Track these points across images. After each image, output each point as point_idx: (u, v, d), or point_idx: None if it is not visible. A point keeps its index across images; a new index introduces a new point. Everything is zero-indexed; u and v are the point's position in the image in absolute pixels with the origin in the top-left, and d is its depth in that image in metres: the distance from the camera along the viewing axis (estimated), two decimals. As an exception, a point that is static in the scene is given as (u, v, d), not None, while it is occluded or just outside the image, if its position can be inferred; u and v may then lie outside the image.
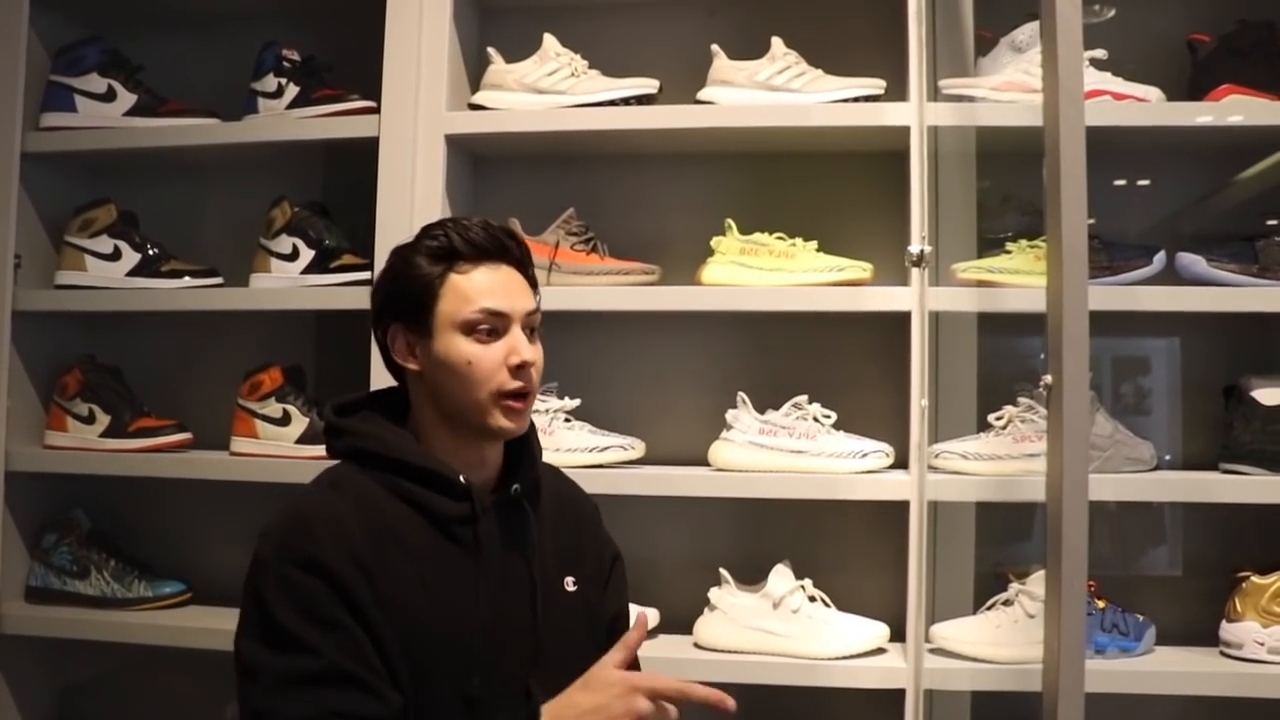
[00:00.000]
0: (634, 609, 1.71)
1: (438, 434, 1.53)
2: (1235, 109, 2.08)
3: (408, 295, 1.52)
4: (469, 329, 1.49)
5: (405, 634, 1.40)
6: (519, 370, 1.50)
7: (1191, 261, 2.10)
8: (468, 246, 1.51)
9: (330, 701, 1.33)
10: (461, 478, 1.49)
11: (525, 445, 1.58)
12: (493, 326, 1.50)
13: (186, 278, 2.37)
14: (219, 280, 2.38)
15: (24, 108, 2.32)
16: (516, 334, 1.51)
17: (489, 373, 1.49)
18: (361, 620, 1.37)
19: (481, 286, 1.51)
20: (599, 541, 1.69)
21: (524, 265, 1.57)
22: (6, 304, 2.30)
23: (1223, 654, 2.07)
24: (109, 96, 2.37)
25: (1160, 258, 2.14)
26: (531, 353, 1.52)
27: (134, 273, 2.37)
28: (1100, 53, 2.12)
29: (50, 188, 2.42)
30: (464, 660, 1.43)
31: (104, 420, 2.36)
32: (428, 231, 1.54)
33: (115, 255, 2.37)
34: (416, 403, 1.56)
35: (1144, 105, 2.11)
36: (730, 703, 1.36)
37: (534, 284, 1.58)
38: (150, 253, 2.38)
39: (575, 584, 1.59)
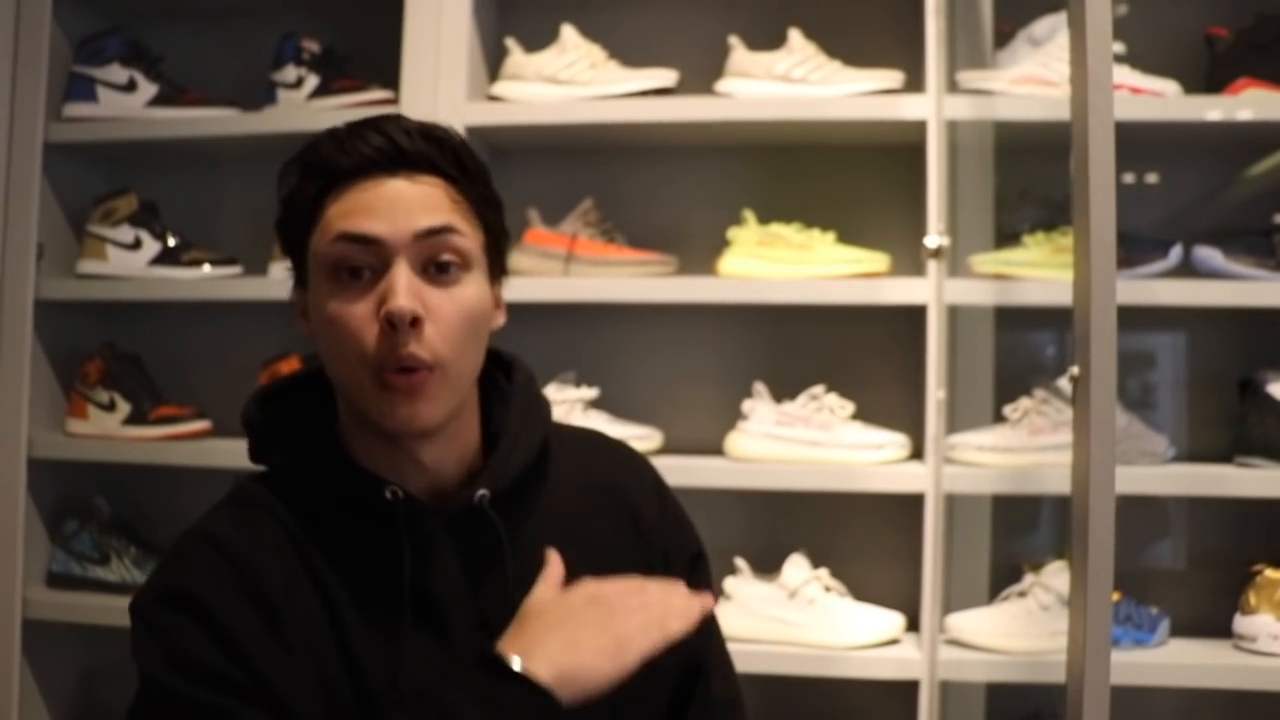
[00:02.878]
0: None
1: (356, 432, 1.10)
2: (1252, 103, 2.08)
3: (285, 226, 1.09)
4: (330, 270, 1.03)
5: (313, 694, 1.03)
6: (391, 327, 1.01)
7: (1209, 255, 2.11)
8: (347, 158, 1.04)
9: None
10: (390, 491, 1.06)
11: (505, 429, 1.14)
12: (357, 263, 1.03)
13: (206, 266, 2.38)
14: (238, 269, 2.40)
15: (46, 98, 2.32)
16: (398, 271, 1.02)
17: (354, 336, 1.02)
18: (250, 673, 1.00)
19: (347, 206, 1.03)
20: (664, 540, 1.21)
21: (448, 173, 1.07)
22: (29, 292, 2.31)
23: (1236, 647, 2.07)
24: (130, 87, 2.38)
25: (1176, 251, 2.14)
26: (407, 296, 1.01)
27: (155, 262, 2.38)
28: (1118, 46, 2.12)
29: (72, 177, 2.43)
30: None
31: (125, 408, 2.37)
32: (316, 138, 1.10)
33: (136, 244, 2.39)
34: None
35: (1161, 99, 2.11)
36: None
37: (482, 202, 1.09)
38: (171, 242, 2.40)
39: None
